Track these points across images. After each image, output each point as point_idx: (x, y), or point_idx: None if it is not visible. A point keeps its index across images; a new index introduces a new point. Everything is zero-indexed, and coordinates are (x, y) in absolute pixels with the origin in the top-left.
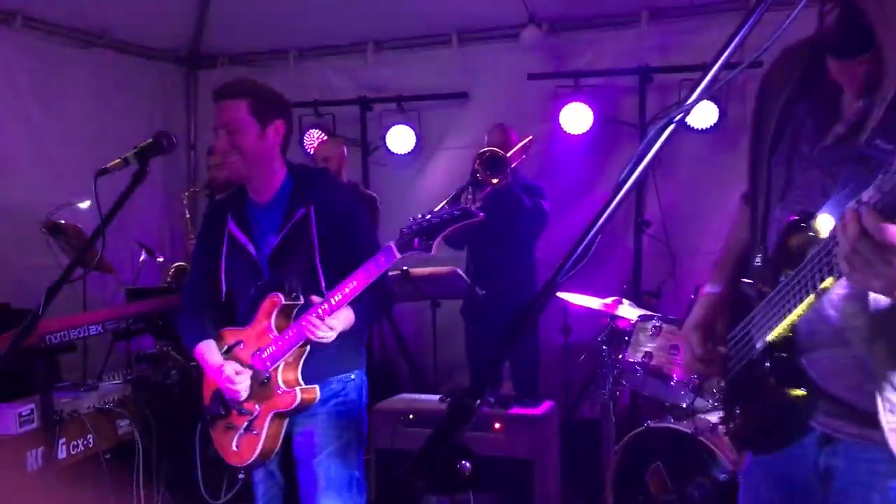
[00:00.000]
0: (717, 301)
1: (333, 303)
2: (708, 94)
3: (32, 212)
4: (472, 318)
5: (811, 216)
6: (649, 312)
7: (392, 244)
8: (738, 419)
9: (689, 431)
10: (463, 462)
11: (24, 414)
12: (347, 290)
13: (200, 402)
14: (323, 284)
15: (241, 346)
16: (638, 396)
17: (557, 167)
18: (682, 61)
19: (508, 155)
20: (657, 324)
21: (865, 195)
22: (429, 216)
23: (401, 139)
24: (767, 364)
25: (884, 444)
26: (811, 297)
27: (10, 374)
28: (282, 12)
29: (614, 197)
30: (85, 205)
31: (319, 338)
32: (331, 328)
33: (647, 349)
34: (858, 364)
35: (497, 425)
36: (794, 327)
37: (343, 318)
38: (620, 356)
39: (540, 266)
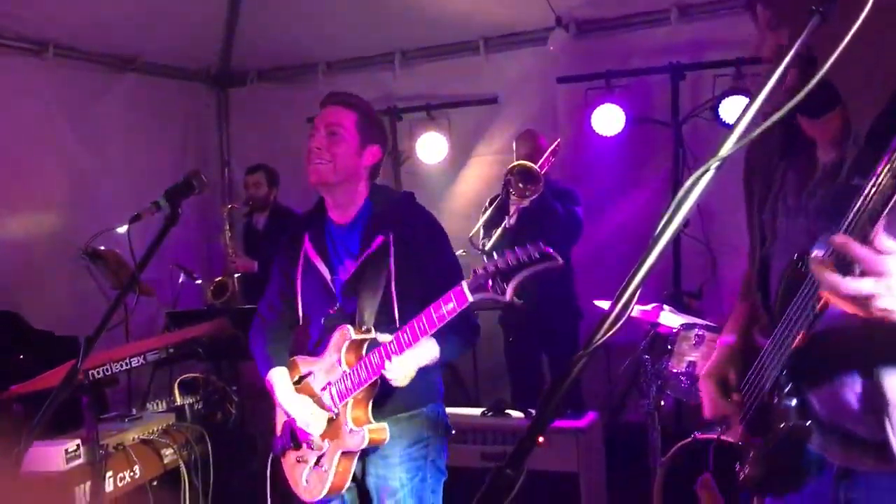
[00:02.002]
0: (729, 351)
1: (403, 343)
2: (746, 142)
3: (71, 238)
4: (510, 328)
5: (805, 258)
6: (691, 320)
7: (464, 285)
8: (750, 463)
9: (739, 442)
10: None
11: (70, 450)
12: (417, 331)
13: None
14: (397, 318)
15: (312, 377)
16: (682, 403)
17: (590, 170)
18: (714, 57)
19: (539, 164)
20: (700, 332)
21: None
22: (506, 257)
23: (432, 147)
24: (775, 402)
25: None
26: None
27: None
28: (308, 27)
29: (652, 248)
30: (123, 229)
31: (396, 382)
32: (404, 370)
33: (691, 358)
34: (865, 397)
35: (541, 438)
36: (798, 365)
37: (425, 355)
38: (664, 365)
39: (577, 271)
